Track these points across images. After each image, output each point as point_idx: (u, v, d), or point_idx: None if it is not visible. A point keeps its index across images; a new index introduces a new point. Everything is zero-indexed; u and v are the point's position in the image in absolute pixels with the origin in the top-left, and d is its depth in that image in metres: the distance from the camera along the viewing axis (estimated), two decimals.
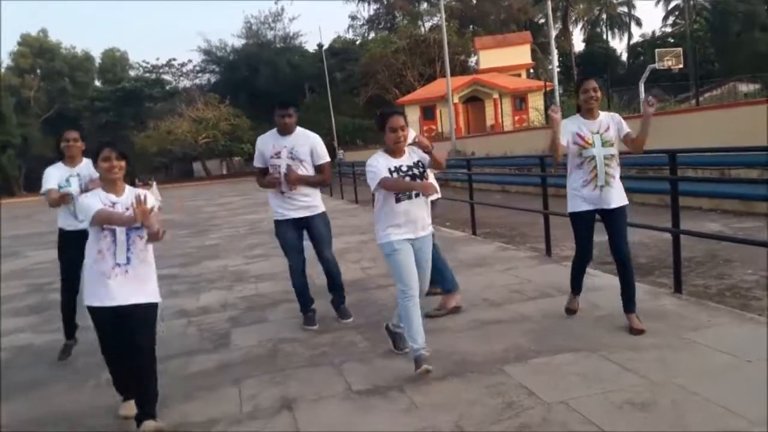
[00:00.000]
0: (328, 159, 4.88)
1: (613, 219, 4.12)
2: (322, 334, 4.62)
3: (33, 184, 59.17)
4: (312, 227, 4.83)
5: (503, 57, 38.99)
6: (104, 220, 3.06)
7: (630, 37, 55.38)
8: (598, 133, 4.05)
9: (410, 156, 3.77)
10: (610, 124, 4.10)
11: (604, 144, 4.04)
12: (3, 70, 59.56)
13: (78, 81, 62.99)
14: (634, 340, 3.84)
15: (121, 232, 3.11)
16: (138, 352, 3.13)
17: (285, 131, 4.73)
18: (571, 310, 4.46)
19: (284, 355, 4.25)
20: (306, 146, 4.74)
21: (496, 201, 11.25)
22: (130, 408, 3.22)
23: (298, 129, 4.77)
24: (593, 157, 4.03)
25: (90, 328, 3.96)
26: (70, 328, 4.58)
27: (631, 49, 55.16)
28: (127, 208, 3.12)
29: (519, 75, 39.14)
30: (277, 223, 4.83)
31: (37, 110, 59.72)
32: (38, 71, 60.55)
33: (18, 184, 59.28)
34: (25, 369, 4.48)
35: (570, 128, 4.09)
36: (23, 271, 9.77)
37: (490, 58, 39.21)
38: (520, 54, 40.03)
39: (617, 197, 4.10)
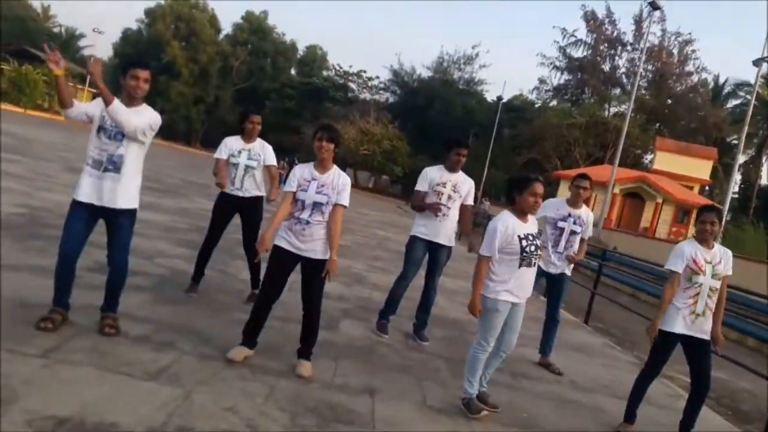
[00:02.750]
0: (472, 203, 5.47)
1: (702, 348, 4.18)
2: (413, 351, 5.13)
3: (208, 141, 65.84)
4: (439, 256, 5.40)
5: (681, 165, 37.23)
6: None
7: None
8: (711, 263, 4.16)
9: (533, 223, 3.99)
10: (722, 258, 4.21)
11: (713, 276, 4.16)
12: (221, 38, 67.13)
13: (278, 65, 69.29)
14: None
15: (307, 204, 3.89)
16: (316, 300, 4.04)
17: (455, 168, 5.36)
18: None
19: (379, 354, 4.81)
20: (466, 186, 5.42)
21: (622, 302, 11.08)
22: (240, 353, 3.91)
23: (461, 170, 5.39)
24: (701, 285, 4.14)
25: (225, 272, 4.79)
26: (198, 273, 5.41)
27: None
28: (324, 185, 3.90)
29: (691, 188, 37.15)
30: (415, 239, 5.44)
31: (235, 79, 66.46)
32: (249, 46, 67.32)
33: (197, 137, 66.19)
34: (178, 288, 5.40)
35: (687, 251, 4.19)
36: (187, 210, 11.26)
37: (667, 162, 37.60)
38: (700, 167, 37.98)
39: (707, 329, 4.18)
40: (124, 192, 3.77)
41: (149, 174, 16.37)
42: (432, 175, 5.41)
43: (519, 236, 3.82)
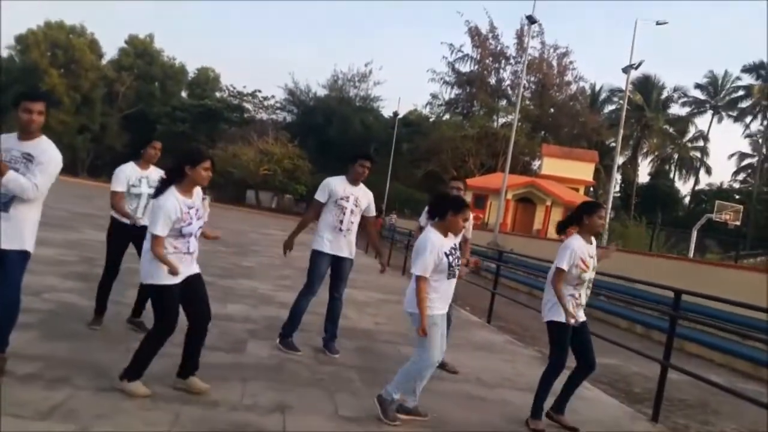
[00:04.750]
0: (375, 214, 5.58)
1: (584, 329, 4.53)
2: (324, 365, 5.13)
3: (95, 170, 62.39)
4: (343, 268, 5.46)
5: (566, 168, 39.78)
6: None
7: (697, 182, 55.52)
8: (592, 257, 4.46)
9: (452, 236, 4.11)
10: (594, 250, 4.52)
11: (593, 269, 4.47)
12: (104, 63, 64.11)
13: (167, 88, 67.04)
14: None
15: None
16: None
17: (357, 181, 5.43)
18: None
19: (288, 371, 4.77)
20: (366, 198, 5.51)
21: (520, 300, 11.62)
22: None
23: (362, 183, 5.48)
24: (587, 279, 4.43)
25: (119, 302, 4.62)
26: (100, 306, 5.16)
27: (695, 194, 55.10)
28: (198, 209, 3.84)
29: (577, 190, 39.71)
30: (320, 254, 5.42)
31: (121, 105, 63.58)
32: (135, 71, 64.71)
33: (83, 166, 62.57)
34: (69, 322, 5.10)
35: (577, 251, 4.38)
36: (76, 242, 10.63)
37: (553, 167, 40.05)
38: (583, 170, 40.75)
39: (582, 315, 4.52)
40: (13, 232, 3.56)
41: None
42: (334, 187, 5.39)
43: (445, 253, 3.95)
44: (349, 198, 5.40)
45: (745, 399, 4.92)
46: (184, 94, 70.13)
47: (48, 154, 3.69)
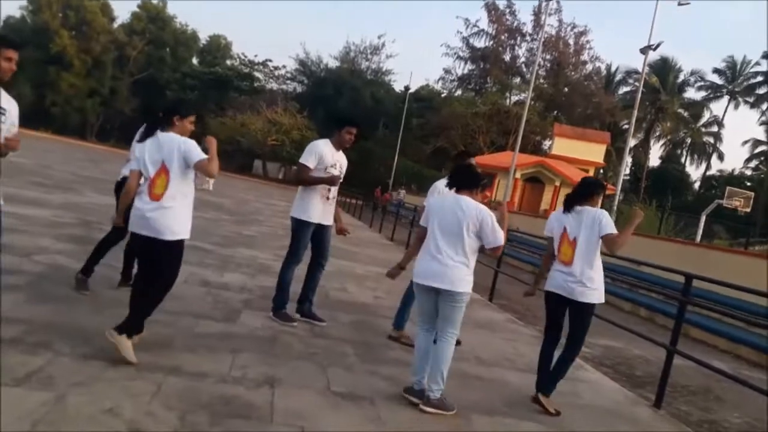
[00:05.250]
0: None
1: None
2: (318, 338, 4.98)
3: (104, 134, 62.28)
4: (327, 235, 5.34)
5: (577, 149, 39.21)
6: None
7: (708, 167, 54.77)
8: None
9: None
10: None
11: None
12: (116, 26, 63.60)
13: (178, 55, 66.46)
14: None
15: None
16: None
17: (344, 147, 5.24)
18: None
19: (281, 343, 4.63)
20: (345, 164, 5.39)
21: (523, 279, 11.44)
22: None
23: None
24: None
25: (113, 266, 4.49)
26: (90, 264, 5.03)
27: (706, 179, 54.43)
28: None
29: (587, 171, 39.20)
30: (305, 223, 5.23)
31: (132, 70, 63.12)
32: (147, 35, 64.13)
33: (92, 130, 62.41)
34: (58, 285, 4.97)
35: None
36: (76, 205, 10.50)
37: (564, 147, 39.48)
38: (595, 151, 40.17)
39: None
40: None
41: (35, 169, 15.27)
42: (323, 152, 5.14)
43: None
44: (336, 165, 5.23)
45: (750, 387, 4.75)
46: (195, 60, 69.50)
47: (15, 109, 3.42)
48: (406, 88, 50.81)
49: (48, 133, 52.57)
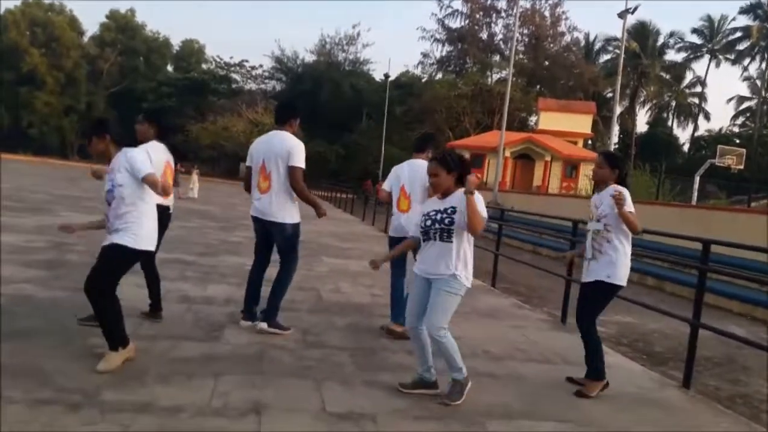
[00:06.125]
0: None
1: (583, 291, 4.17)
2: (312, 349, 4.53)
3: (86, 151, 61.08)
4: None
5: (564, 122, 38.76)
6: None
7: (696, 128, 54.54)
8: (596, 207, 4.15)
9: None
10: (604, 200, 4.09)
11: (597, 219, 4.11)
12: (86, 40, 62.53)
13: (152, 63, 65.44)
14: (632, 423, 3.63)
15: None
16: None
17: None
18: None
19: (269, 360, 4.17)
20: None
21: (524, 260, 11.05)
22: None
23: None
24: (589, 230, 4.19)
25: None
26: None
27: (695, 140, 54.21)
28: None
29: (576, 143, 38.84)
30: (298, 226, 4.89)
31: (106, 83, 62.10)
32: (118, 46, 63.07)
33: (72, 149, 61.41)
34: (19, 318, 4.48)
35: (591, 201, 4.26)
36: (50, 228, 9.96)
37: (551, 121, 39.02)
38: (581, 123, 39.77)
39: (595, 272, 4.06)
40: None
41: (7, 193, 14.66)
42: None
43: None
44: None
45: None
46: (169, 68, 68.47)
47: None
48: (386, 75, 50.05)
49: (28, 155, 51.65)
